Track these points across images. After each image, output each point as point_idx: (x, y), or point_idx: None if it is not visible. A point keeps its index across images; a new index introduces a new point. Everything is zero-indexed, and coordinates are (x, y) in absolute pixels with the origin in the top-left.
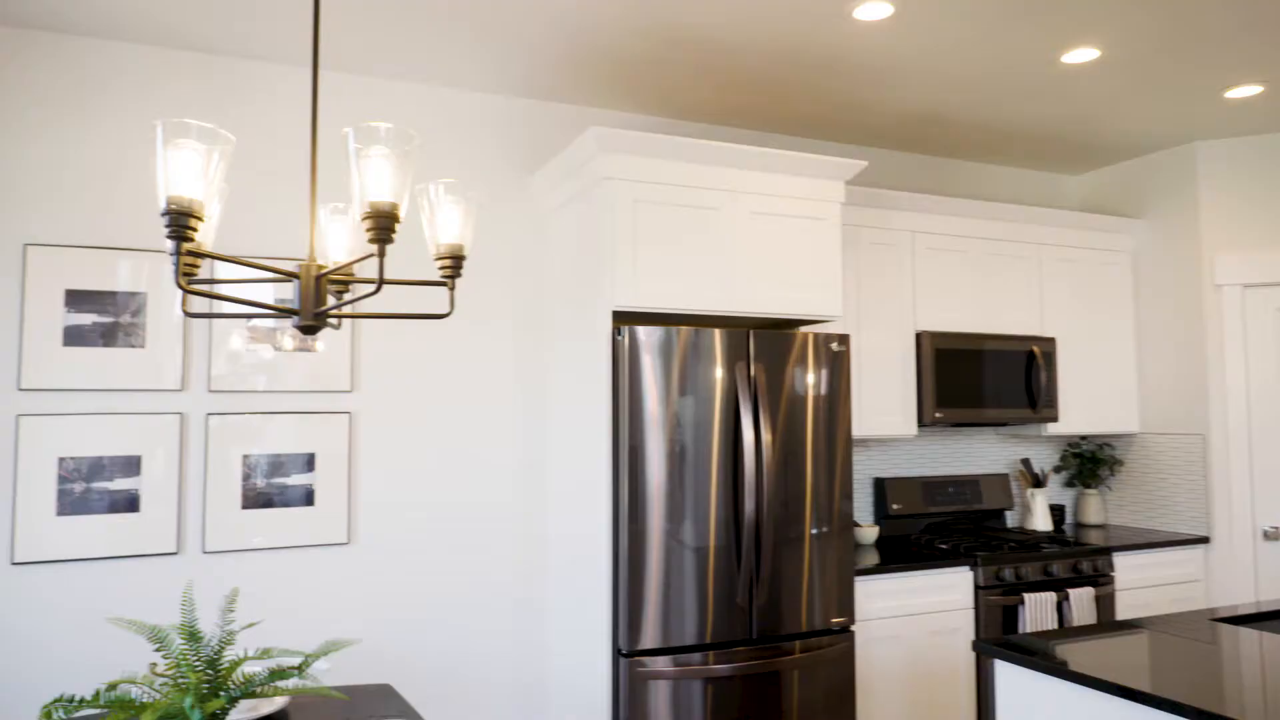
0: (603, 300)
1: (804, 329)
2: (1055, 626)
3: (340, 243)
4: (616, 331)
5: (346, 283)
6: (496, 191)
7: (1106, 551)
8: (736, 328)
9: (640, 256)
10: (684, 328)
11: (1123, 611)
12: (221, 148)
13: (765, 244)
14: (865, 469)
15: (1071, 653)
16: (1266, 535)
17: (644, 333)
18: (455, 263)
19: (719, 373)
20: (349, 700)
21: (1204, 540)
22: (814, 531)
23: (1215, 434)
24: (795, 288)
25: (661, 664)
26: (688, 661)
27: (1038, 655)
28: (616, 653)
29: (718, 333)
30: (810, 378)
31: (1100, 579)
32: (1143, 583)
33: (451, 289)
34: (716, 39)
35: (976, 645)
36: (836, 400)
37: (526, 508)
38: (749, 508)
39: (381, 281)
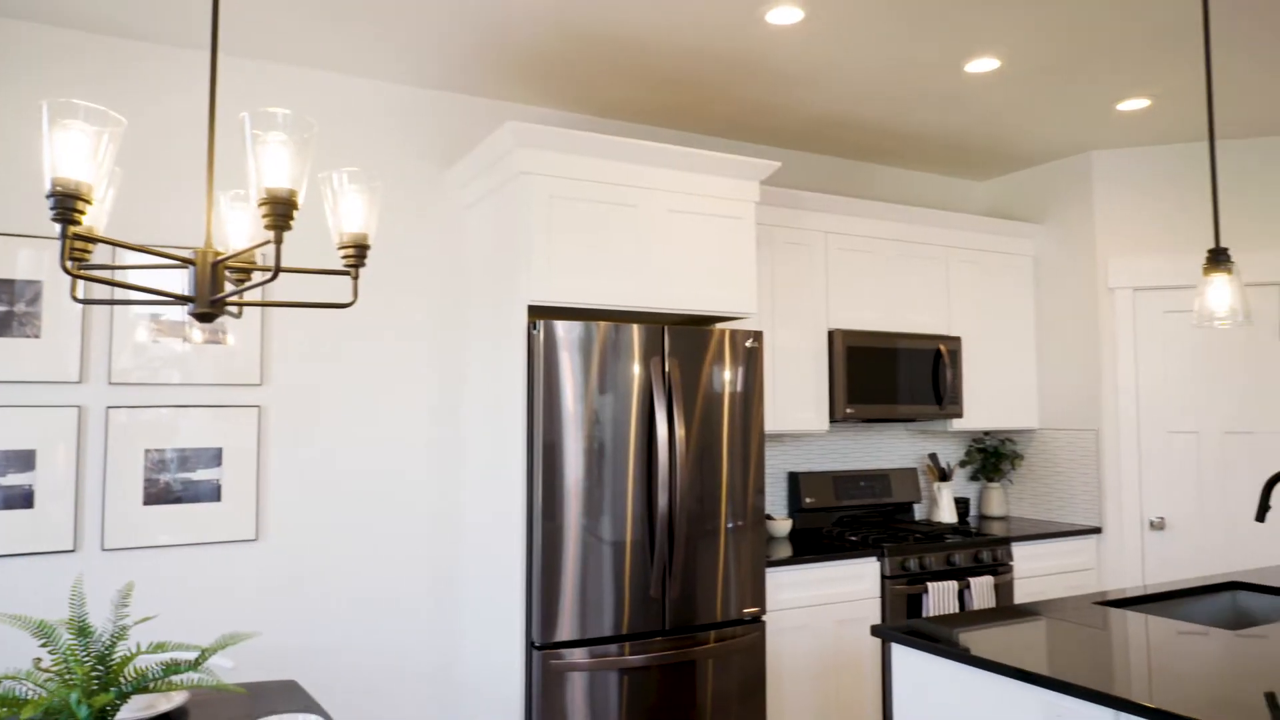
0: (518, 295)
1: (719, 326)
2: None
3: (241, 230)
4: (532, 326)
5: (247, 270)
6: (413, 185)
7: (1006, 542)
8: (653, 324)
9: (556, 252)
10: (599, 323)
11: (1020, 598)
12: (112, 129)
13: (681, 241)
14: (780, 463)
15: (962, 635)
16: (1152, 525)
17: (560, 328)
18: (359, 252)
19: (634, 369)
20: (251, 696)
21: (1096, 530)
22: (728, 525)
23: (1107, 430)
24: (711, 285)
25: (575, 656)
26: (601, 653)
27: (929, 638)
28: (530, 645)
29: (634, 328)
30: (725, 374)
31: (1000, 568)
32: (1040, 571)
33: (355, 278)
34: (633, 37)
35: (875, 630)
36: (750, 396)
37: (442, 503)
38: (662, 502)
39: (278, 269)
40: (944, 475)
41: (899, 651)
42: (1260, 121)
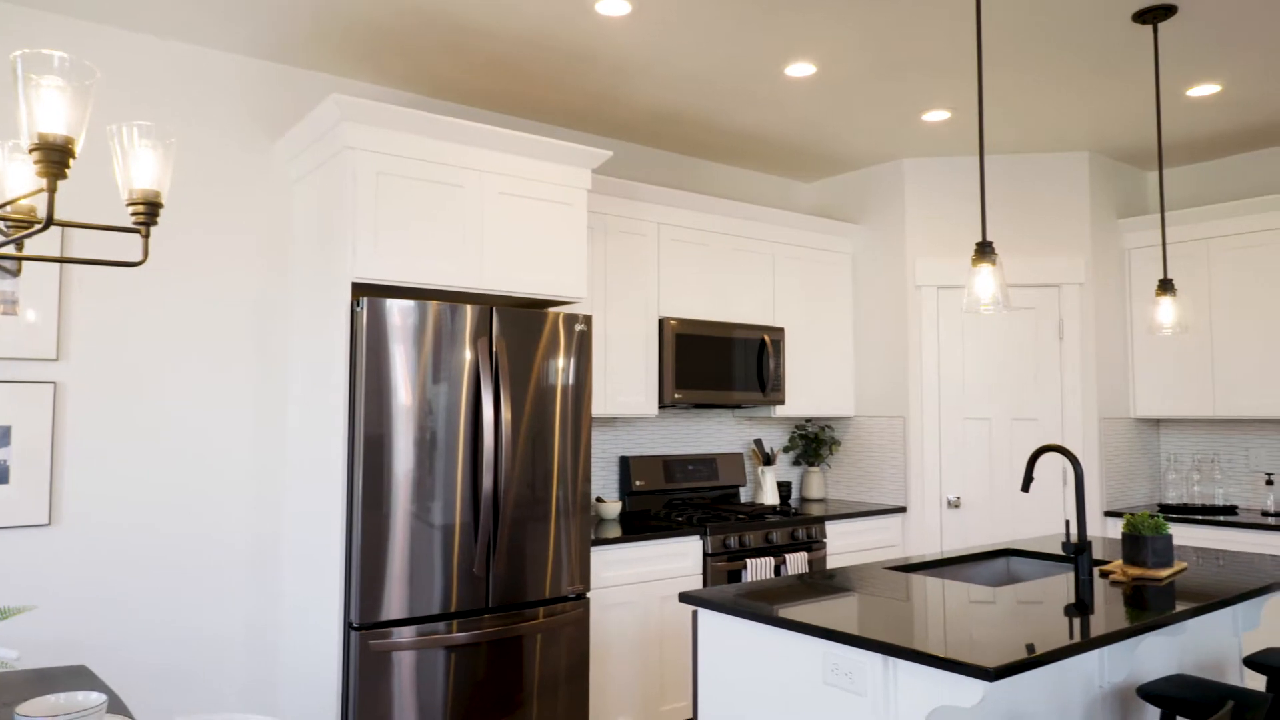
0: (342, 271)
1: (551, 310)
2: None
3: (22, 183)
4: (355, 304)
5: (27, 224)
6: (239, 157)
7: (820, 520)
8: (482, 305)
9: (382, 229)
10: (427, 302)
11: None
12: None
13: (512, 225)
14: (611, 447)
15: (761, 598)
16: (950, 504)
17: (385, 306)
18: (150, 209)
19: (463, 349)
20: (34, 680)
21: (902, 510)
22: (554, 505)
23: (913, 417)
24: (541, 269)
25: (396, 636)
26: (424, 632)
27: (730, 602)
28: (349, 626)
29: (461, 309)
30: (554, 356)
31: (814, 545)
32: (851, 547)
33: (145, 236)
34: (467, 19)
35: (683, 596)
36: (579, 379)
37: (263, 486)
38: (487, 483)
39: (50, 220)
40: (768, 460)
41: (704, 615)
42: (1046, 138)
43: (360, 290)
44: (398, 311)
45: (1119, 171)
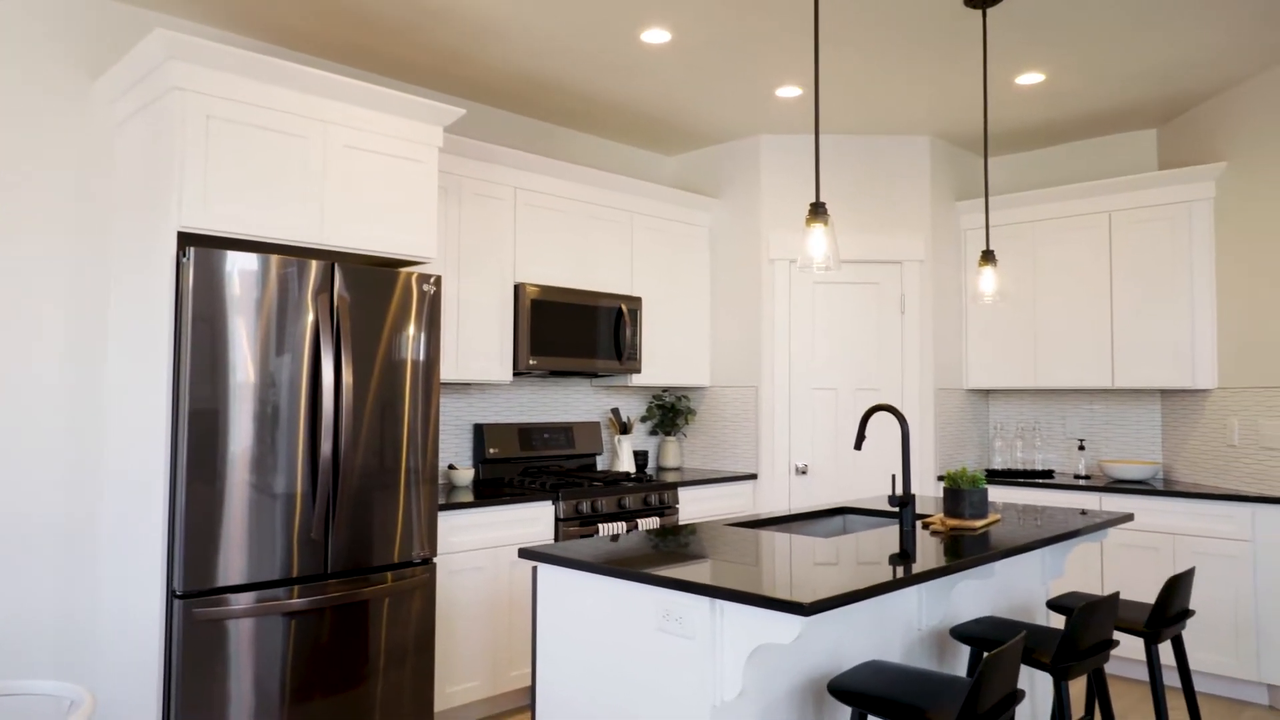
0: (167, 220)
1: (401, 270)
2: None
3: None
4: (181, 254)
5: None
6: (51, 96)
7: (673, 487)
8: (323, 261)
9: (213, 176)
10: (266, 255)
11: None
12: None
13: (358, 180)
14: (465, 415)
15: (598, 552)
16: (798, 470)
17: (216, 258)
18: None
19: (301, 307)
20: None
21: (753, 476)
22: (402, 469)
23: (765, 387)
24: (389, 226)
25: (227, 603)
26: (257, 599)
27: (569, 557)
28: (170, 594)
29: (305, 264)
30: (402, 318)
31: (666, 510)
32: (702, 513)
33: None
34: None
35: (522, 553)
36: (429, 342)
37: (81, 450)
38: (326, 446)
39: None
40: (625, 429)
41: (543, 570)
42: (891, 121)
43: (189, 242)
44: (230, 264)
45: (957, 156)
